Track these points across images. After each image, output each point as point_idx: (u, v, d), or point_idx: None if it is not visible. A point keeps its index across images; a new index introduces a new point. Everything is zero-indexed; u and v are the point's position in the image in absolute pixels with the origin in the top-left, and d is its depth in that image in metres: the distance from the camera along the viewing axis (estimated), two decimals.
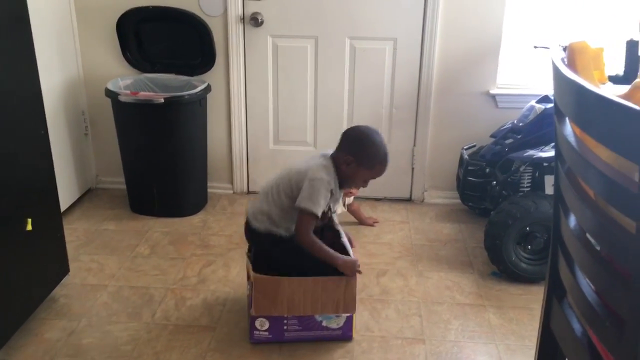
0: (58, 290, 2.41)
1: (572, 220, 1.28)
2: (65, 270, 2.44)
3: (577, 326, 1.31)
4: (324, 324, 2.16)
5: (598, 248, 1.19)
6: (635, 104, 0.92)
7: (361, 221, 3.08)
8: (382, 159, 2.13)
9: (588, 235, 1.21)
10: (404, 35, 3.07)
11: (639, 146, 0.91)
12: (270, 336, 2.15)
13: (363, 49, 3.12)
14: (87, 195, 3.33)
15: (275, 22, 3.10)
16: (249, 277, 2.21)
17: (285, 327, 2.14)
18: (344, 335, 2.18)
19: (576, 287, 1.25)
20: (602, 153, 1.07)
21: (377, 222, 3.09)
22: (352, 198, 3.03)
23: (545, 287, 1.51)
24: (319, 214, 2.06)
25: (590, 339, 1.26)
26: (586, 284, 1.23)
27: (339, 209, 2.83)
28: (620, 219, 1.05)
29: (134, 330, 2.22)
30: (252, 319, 2.12)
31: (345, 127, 3.24)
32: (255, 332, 2.14)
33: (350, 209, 3.05)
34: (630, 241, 0.99)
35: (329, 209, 2.18)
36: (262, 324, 2.13)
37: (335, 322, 2.16)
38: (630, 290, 1.01)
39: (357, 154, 2.11)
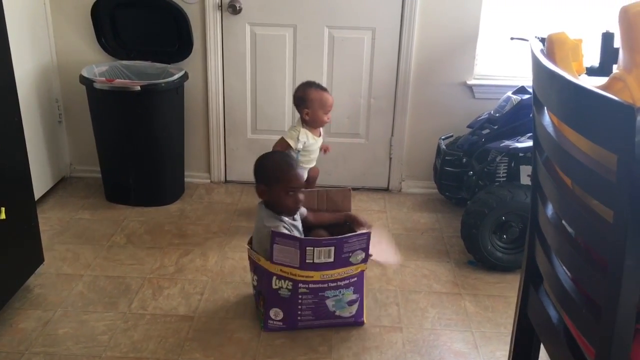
0: (33, 280, 2.38)
1: (550, 209, 1.30)
2: (40, 259, 2.40)
3: (553, 313, 1.34)
4: (337, 312, 2.17)
5: (574, 236, 1.22)
6: (613, 94, 0.93)
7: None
8: (286, 169, 2.17)
9: (565, 224, 1.24)
10: (383, 25, 3.08)
11: (617, 136, 0.93)
12: (285, 326, 2.16)
13: (342, 38, 3.11)
14: (61, 184, 3.28)
15: (253, 10, 3.07)
16: (253, 269, 2.21)
17: (299, 317, 2.15)
18: (356, 322, 2.22)
19: (553, 275, 1.27)
20: (581, 143, 1.09)
21: (327, 149, 2.98)
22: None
23: (521, 274, 1.54)
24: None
25: (566, 326, 1.29)
26: (563, 272, 1.25)
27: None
28: (598, 208, 1.07)
29: (110, 320, 2.20)
30: (267, 309, 2.14)
31: None
32: (269, 321, 2.15)
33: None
34: (608, 229, 1.01)
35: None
36: (276, 314, 2.14)
37: (347, 311, 2.19)
38: (607, 278, 1.03)
39: (264, 179, 2.19)
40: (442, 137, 3.03)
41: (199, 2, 3.03)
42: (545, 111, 1.26)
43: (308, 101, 2.74)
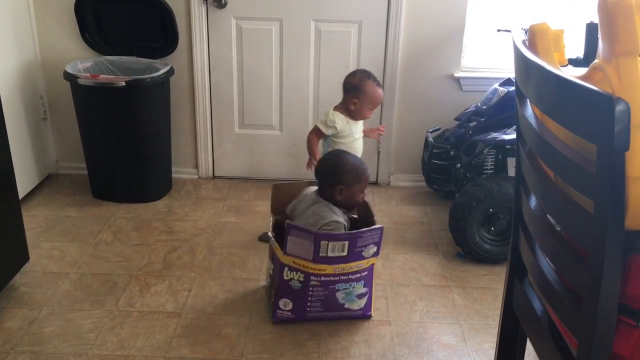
0: (18, 279, 2.35)
1: (533, 201, 1.30)
2: (25, 258, 2.38)
3: (537, 305, 1.34)
4: (346, 305, 2.18)
5: (558, 228, 1.22)
6: (593, 85, 0.93)
7: (367, 133, 2.79)
8: (363, 169, 2.24)
9: (548, 216, 1.23)
10: (369, 18, 3.06)
11: (596, 126, 0.92)
12: (293, 316, 2.16)
13: (328, 32, 3.10)
14: (47, 182, 3.25)
15: (239, 4, 3.05)
16: (271, 257, 2.21)
17: (308, 308, 2.15)
18: (364, 314, 2.23)
19: (536, 267, 1.27)
20: (562, 134, 1.09)
21: (381, 131, 2.83)
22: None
23: (507, 267, 1.54)
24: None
25: (550, 318, 1.29)
26: (546, 263, 1.25)
27: (361, 132, 2.69)
28: (579, 199, 1.07)
29: (97, 317, 2.18)
30: (277, 299, 2.14)
31: (311, 110, 3.25)
32: (278, 311, 2.15)
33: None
34: (588, 220, 1.01)
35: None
36: (285, 304, 2.15)
37: (356, 304, 2.19)
38: (588, 269, 1.03)
39: (344, 180, 2.18)
40: (430, 130, 3.02)
41: None
42: (528, 103, 1.25)
43: (361, 92, 2.56)
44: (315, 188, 2.28)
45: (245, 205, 3.09)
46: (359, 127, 2.65)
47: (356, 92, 2.57)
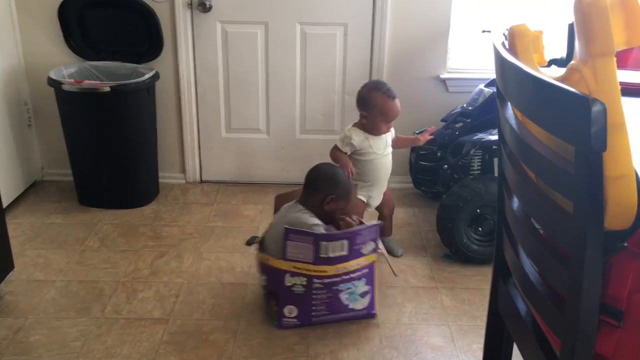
0: (3, 287, 2.33)
1: (515, 202, 1.30)
2: (10, 266, 2.35)
3: (521, 306, 1.34)
4: (350, 306, 2.18)
5: (540, 229, 1.22)
6: (570, 86, 0.93)
7: (412, 142, 2.68)
8: (352, 188, 2.28)
9: (529, 216, 1.24)
10: (355, 20, 3.06)
11: (573, 127, 0.92)
12: (299, 322, 2.16)
13: (314, 35, 3.10)
14: (32, 189, 3.22)
15: (224, 8, 3.04)
16: (262, 271, 2.21)
17: (313, 313, 2.15)
18: (369, 313, 2.23)
19: (520, 268, 1.27)
20: (541, 135, 1.09)
21: (430, 135, 2.61)
22: (392, 133, 2.57)
23: (492, 268, 1.54)
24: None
25: (533, 318, 1.29)
26: (529, 265, 1.25)
27: (388, 148, 2.52)
28: (559, 200, 1.07)
29: (83, 325, 2.16)
30: (281, 306, 2.13)
31: (298, 113, 3.25)
32: (284, 319, 2.15)
33: (395, 144, 2.61)
34: (568, 221, 1.01)
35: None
36: (290, 311, 2.14)
37: (360, 303, 2.20)
38: (569, 269, 1.03)
39: (337, 191, 2.19)
40: (417, 132, 3.01)
41: (168, 0, 2.99)
42: (508, 104, 1.25)
43: (369, 106, 2.41)
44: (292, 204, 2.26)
45: (233, 210, 3.08)
46: (381, 142, 2.46)
47: (365, 106, 2.44)
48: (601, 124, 0.87)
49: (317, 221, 2.16)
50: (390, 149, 2.52)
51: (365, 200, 2.49)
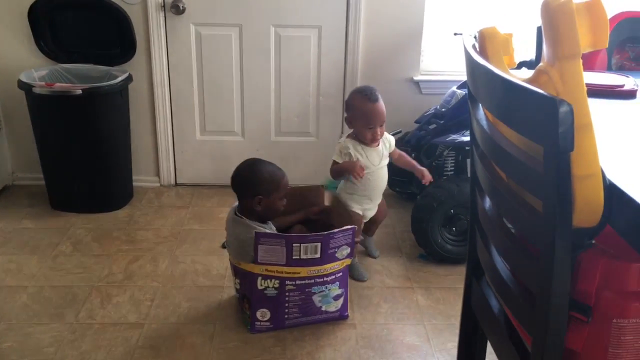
0: None
1: (487, 202, 1.32)
2: None
3: (494, 303, 1.36)
4: (323, 308, 2.18)
5: (511, 228, 1.24)
6: (538, 87, 0.95)
7: (412, 169, 2.53)
8: (280, 175, 2.18)
9: (502, 216, 1.26)
10: (329, 23, 3.08)
11: (542, 128, 0.94)
12: (272, 326, 2.15)
13: (288, 37, 3.10)
14: (2, 193, 3.17)
15: (197, 10, 3.03)
16: (235, 274, 2.20)
17: (286, 316, 2.15)
18: (341, 315, 2.24)
19: (492, 266, 1.30)
20: (512, 136, 1.11)
21: (429, 180, 2.49)
22: (391, 146, 2.51)
23: (466, 267, 1.56)
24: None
25: (506, 315, 1.32)
26: (501, 263, 1.28)
27: (384, 160, 2.46)
28: (530, 199, 1.10)
29: (56, 331, 2.13)
30: (254, 310, 2.12)
31: (273, 115, 3.25)
32: (256, 322, 2.14)
33: (396, 160, 2.56)
34: (538, 219, 1.04)
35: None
36: (263, 315, 2.13)
37: (333, 306, 2.20)
38: (539, 267, 1.05)
39: (262, 190, 2.13)
40: (391, 133, 3.04)
41: (140, 2, 2.97)
42: (480, 106, 1.28)
43: (350, 108, 2.34)
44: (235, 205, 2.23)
45: (208, 212, 3.07)
46: (375, 154, 2.42)
47: (348, 109, 2.38)
48: (568, 124, 0.89)
49: (258, 227, 2.10)
50: (385, 162, 2.49)
51: (361, 213, 2.48)
